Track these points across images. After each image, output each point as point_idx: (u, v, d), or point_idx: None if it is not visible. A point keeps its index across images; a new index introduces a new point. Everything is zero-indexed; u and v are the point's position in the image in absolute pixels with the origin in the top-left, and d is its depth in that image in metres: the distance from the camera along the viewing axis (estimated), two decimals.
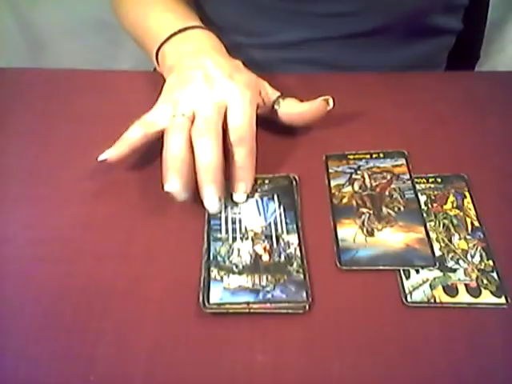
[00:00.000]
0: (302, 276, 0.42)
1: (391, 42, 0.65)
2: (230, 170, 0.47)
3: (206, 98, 0.47)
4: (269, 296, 0.41)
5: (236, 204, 0.48)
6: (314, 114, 0.51)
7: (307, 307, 0.40)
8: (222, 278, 0.42)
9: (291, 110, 0.51)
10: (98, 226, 0.47)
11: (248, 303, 0.40)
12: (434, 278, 0.42)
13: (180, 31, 0.55)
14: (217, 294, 0.41)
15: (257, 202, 0.48)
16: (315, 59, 0.66)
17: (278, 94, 0.52)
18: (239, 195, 0.48)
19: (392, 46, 0.65)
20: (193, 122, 0.46)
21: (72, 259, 0.45)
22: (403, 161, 0.51)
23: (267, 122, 0.56)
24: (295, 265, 0.43)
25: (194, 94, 0.48)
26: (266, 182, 0.49)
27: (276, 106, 0.51)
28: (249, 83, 0.50)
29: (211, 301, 0.41)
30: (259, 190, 0.49)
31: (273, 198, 0.48)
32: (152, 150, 0.54)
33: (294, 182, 0.49)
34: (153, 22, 0.60)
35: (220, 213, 0.47)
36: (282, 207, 0.47)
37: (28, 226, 0.47)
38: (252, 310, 0.40)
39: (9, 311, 0.42)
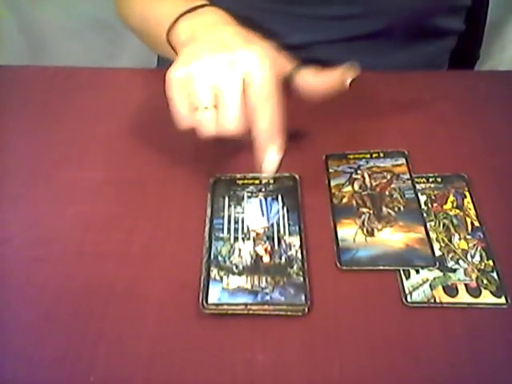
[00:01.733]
0: (301, 279, 0.42)
1: (395, 44, 0.65)
2: (256, 138, 0.44)
3: (224, 71, 0.45)
4: (267, 298, 0.41)
5: (239, 203, 0.48)
6: (329, 88, 0.48)
7: (306, 310, 0.40)
8: (221, 278, 0.42)
9: (305, 82, 0.49)
10: (98, 226, 0.47)
11: (246, 304, 0.40)
12: (434, 278, 0.42)
13: (191, 10, 0.54)
14: (215, 295, 0.41)
15: (260, 201, 0.48)
16: (319, 62, 0.66)
17: (294, 64, 0.49)
18: (269, 162, 0.44)
19: (396, 47, 0.65)
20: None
21: (72, 259, 0.45)
22: (403, 160, 0.51)
23: None
24: (295, 267, 0.43)
25: (211, 68, 0.45)
26: (271, 181, 0.49)
27: (290, 79, 0.49)
28: (266, 51, 0.47)
29: (209, 301, 0.41)
30: (263, 189, 0.49)
31: (277, 199, 0.48)
32: (152, 150, 0.54)
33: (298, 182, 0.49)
34: (161, 9, 0.58)
35: (223, 212, 0.47)
36: (285, 208, 0.47)
37: (28, 226, 0.47)
38: (251, 312, 0.40)
39: (9, 312, 0.42)
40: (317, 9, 0.60)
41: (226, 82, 0.44)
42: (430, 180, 0.49)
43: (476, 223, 0.46)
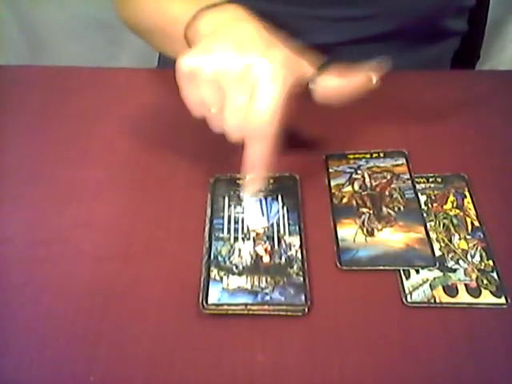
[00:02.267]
0: (301, 279, 0.42)
1: (403, 46, 0.65)
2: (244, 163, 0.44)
3: (235, 74, 0.43)
4: (267, 298, 0.41)
5: (239, 203, 0.48)
6: (353, 91, 0.46)
7: (306, 310, 0.40)
8: (221, 278, 0.42)
9: (327, 87, 0.46)
10: (98, 226, 0.47)
11: (246, 305, 0.40)
12: (434, 278, 0.42)
13: (213, 5, 0.51)
14: (215, 295, 0.41)
15: (260, 201, 0.48)
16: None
17: (314, 70, 0.46)
18: (245, 194, 0.48)
19: (404, 49, 0.65)
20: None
21: (72, 259, 0.45)
22: (403, 160, 0.51)
23: None
24: (295, 267, 0.43)
25: (222, 66, 0.43)
26: (271, 181, 0.49)
27: (311, 85, 0.46)
28: (285, 61, 0.45)
29: (209, 301, 0.41)
30: (263, 189, 0.49)
31: (277, 199, 0.48)
32: (152, 150, 0.54)
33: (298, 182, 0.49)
34: (178, 6, 0.56)
35: (223, 212, 0.47)
36: (285, 208, 0.47)
37: (28, 226, 0.47)
38: (251, 312, 0.40)
39: (9, 312, 0.42)
40: (327, 10, 0.60)
41: (234, 85, 0.43)
42: (430, 180, 0.49)
43: (476, 223, 0.46)
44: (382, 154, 0.52)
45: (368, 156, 0.51)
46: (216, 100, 0.44)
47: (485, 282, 0.42)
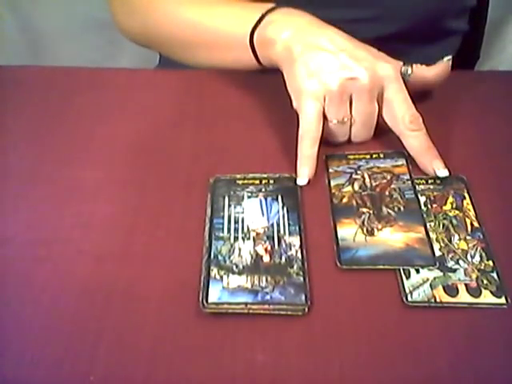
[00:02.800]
0: (301, 278, 0.42)
1: (405, 47, 0.65)
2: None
3: (364, 86, 0.48)
4: (267, 297, 0.41)
5: (239, 203, 0.48)
6: (441, 77, 0.53)
7: (306, 310, 0.40)
8: (221, 277, 0.42)
9: (424, 75, 0.52)
10: (98, 226, 0.47)
11: (246, 304, 0.40)
12: (434, 278, 0.42)
13: (272, 10, 0.52)
14: (215, 294, 0.41)
15: (260, 201, 0.48)
16: None
17: (401, 62, 0.52)
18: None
19: (406, 50, 0.65)
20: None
21: (72, 259, 0.45)
22: (403, 161, 0.51)
23: (267, 122, 0.56)
24: (295, 267, 0.43)
25: (352, 82, 0.48)
26: (271, 182, 0.49)
27: (406, 76, 0.51)
28: (388, 59, 0.50)
29: (210, 300, 0.41)
30: (263, 189, 0.49)
31: (277, 199, 0.48)
32: (152, 150, 0.54)
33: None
34: (229, 15, 0.56)
35: (223, 212, 0.47)
36: (285, 208, 0.47)
37: (28, 226, 0.47)
38: (251, 311, 0.40)
39: (9, 312, 0.42)
40: (329, 12, 0.60)
41: (364, 92, 0.48)
42: (430, 181, 0.49)
43: (475, 224, 0.46)
44: (381, 155, 0.52)
45: (368, 157, 0.52)
46: (341, 111, 0.49)
47: (485, 282, 0.42)
